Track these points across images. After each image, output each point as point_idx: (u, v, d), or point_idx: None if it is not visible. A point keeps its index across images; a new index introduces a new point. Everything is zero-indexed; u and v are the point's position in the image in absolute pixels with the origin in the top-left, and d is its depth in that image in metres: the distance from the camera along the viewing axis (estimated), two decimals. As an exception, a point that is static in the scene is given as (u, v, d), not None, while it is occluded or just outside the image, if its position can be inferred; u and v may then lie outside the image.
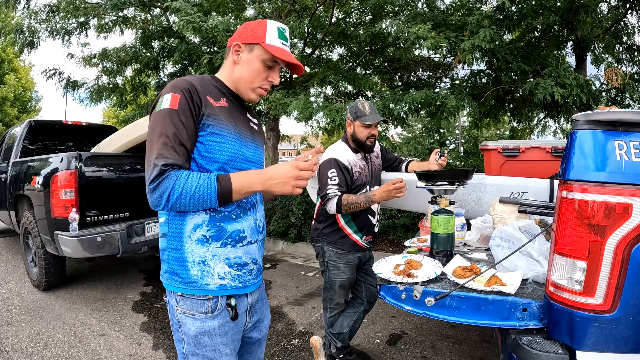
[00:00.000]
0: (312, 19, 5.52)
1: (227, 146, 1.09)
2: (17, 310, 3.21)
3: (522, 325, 1.12)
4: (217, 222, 1.08)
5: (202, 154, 1.07)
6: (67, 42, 6.71)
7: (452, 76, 6.64)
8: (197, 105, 1.05)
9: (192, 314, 1.07)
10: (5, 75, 17.31)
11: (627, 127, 1.00)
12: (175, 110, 1.02)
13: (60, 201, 3.18)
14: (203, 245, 1.07)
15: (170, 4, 4.65)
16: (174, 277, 1.09)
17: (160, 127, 1.01)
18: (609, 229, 0.96)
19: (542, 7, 4.95)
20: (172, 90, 1.05)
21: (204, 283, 1.07)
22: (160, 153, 0.98)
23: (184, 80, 1.08)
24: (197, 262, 1.07)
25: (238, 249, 1.12)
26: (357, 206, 2.00)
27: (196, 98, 1.06)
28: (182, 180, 0.97)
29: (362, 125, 2.10)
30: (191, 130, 1.04)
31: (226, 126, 1.10)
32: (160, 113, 1.03)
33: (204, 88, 1.10)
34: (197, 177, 0.99)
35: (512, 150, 2.44)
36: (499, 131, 12.94)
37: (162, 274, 1.13)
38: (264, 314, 1.30)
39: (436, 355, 2.49)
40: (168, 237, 1.09)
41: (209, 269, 1.08)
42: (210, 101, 1.09)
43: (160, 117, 1.02)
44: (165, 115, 1.02)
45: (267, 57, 1.13)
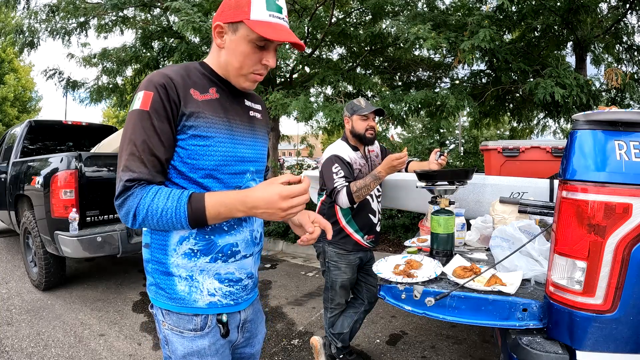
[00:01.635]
0: (312, 19, 5.52)
1: (216, 149, 0.94)
2: (17, 310, 3.21)
3: (522, 325, 1.12)
4: (207, 234, 0.95)
5: (184, 161, 0.92)
6: (67, 42, 6.71)
7: (452, 76, 6.64)
8: (174, 104, 0.89)
9: (179, 331, 0.96)
10: (5, 75, 17.32)
11: (627, 127, 1.00)
12: (146, 112, 0.86)
13: (60, 201, 3.18)
14: (190, 259, 0.95)
15: (170, 4, 4.65)
16: (159, 292, 0.97)
17: (128, 133, 0.87)
18: (609, 229, 0.96)
19: (542, 7, 4.95)
20: (145, 86, 0.89)
21: (192, 300, 0.95)
22: (127, 165, 0.85)
23: (161, 73, 0.91)
24: (184, 276, 0.95)
25: (230, 265, 0.99)
26: (367, 188, 1.96)
27: (173, 95, 0.89)
28: (148, 199, 0.83)
29: (360, 118, 2.13)
30: (166, 135, 0.88)
31: (214, 124, 0.94)
32: (130, 115, 0.89)
33: (187, 79, 0.93)
34: (165, 196, 0.83)
35: (512, 150, 2.44)
36: (499, 131, 12.94)
37: (148, 286, 1.02)
38: (258, 329, 1.16)
39: (436, 355, 2.49)
40: (151, 248, 0.98)
41: (197, 284, 0.95)
42: (194, 96, 0.93)
43: (130, 121, 0.88)
44: (135, 118, 0.87)
45: (254, 36, 0.90)
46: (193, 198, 0.84)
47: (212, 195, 0.84)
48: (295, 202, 0.81)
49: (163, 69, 0.93)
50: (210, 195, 0.84)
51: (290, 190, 0.81)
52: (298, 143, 13.52)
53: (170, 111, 0.89)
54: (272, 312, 3.23)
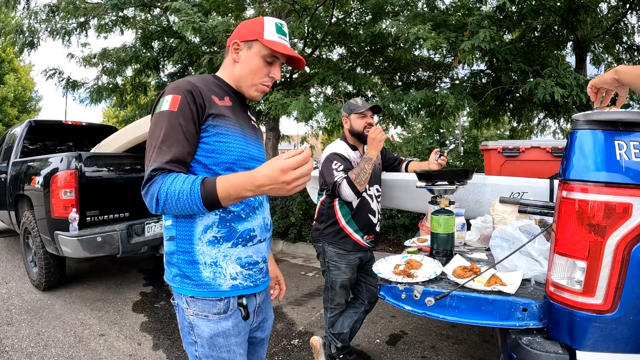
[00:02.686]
0: (312, 19, 5.52)
1: (234, 145, 1.07)
2: (17, 310, 3.21)
3: (522, 325, 1.12)
4: (228, 222, 1.07)
5: (208, 155, 1.05)
6: (67, 42, 6.72)
7: (452, 76, 6.64)
8: (200, 107, 1.03)
9: (205, 315, 1.05)
10: (5, 75, 17.32)
11: (627, 127, 1.00)
12: (175, 112, 0.99)
13: (60, 201, 3.18)
14: (214, 246, 1.06)
15: (170, 4, 4.65)
16: (185, 281, 1.06)
17: (157, 130, 0.99)
18: (609, 229, 0.96)
19: (542, 7, 4.95)
20: (173, 91, 1.02)
21: (217, 284, 1.06)
22: (153, 157, 0.96)
23: (186, 81, 1.05)
24: (209, 263, 1.05)
25: (249, 248, 1.11)
26: (364, 172, 1.98)
27: (199, 99, 1.03)
28: (167, 184, 0.93)
29: (358, 117, 2.15)
30: (190, 134, 1.00)
31: (232, 125, 1.08)
32: (158, 115, 1.01)
33: (208, 87, 1.08)
34: (182, 180, 0.93)
35: (512, 150, 2.44)
36: (499, 131, 12.94)
37: (172, 278, 1.10)
38: (268, 314, 1.29)
39: (436, 355, 2.49)
40: (177, 240, 1.07)
41: (221, 269, 1.06)
42: (215, 100, 1.07)
43: (159, 120, 1.00)
44: (163, 117, 0.99)
45: (267, 52, 1.11)
46: (206, 181, 0.93)
47: (222, 178, 0.93)
48: (297, 174, 0.85)
49: (185, 78, 1.08)
50: (221, 178, 0.93)
51: (290, 163, 0.84)
52: (298, 143, 13.52)
53: (196, 113, 1.02)
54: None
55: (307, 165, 0.86)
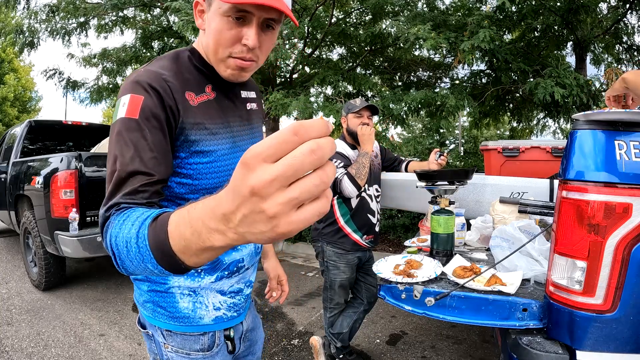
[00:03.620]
0: (312, 19, 5.52)
1: (219, 164, 0.81)
2: (17, 310, 3.21)
3: (522, 325, 1.12)
4: None
5: (182, 182, 0.79)
6: (67, 42, 6.71)
7: (452, 76, 6.64)
8: (171, 112, 0.73)
9: (186, 352, 0.87)
10: (5, 75, 17.32)
11: (627, 127, 1.00)
12: (135, 120, 0.69)
13: (60, 201, 3.18)
14: (193, 280, 0.86)
15: (170, 4, 4.65)
16: (159, 310, 0.86)
17: (112, 149, 0.69)
18: (609, 229, 0.96)
19: (542, 7, 4.95)
20: (131, 89, 0.71)
21: (197, 317, 0.86)
22: (110, 191, 0.65)
23: (151, 72, 0.74)
24: (187, 293, 0.86)
25: (233, 279, 0.92)
26: (363, 166, 2.01)
27: (170, 101, 0.73)
28: (117, 228, 0.56)
29: (354, 116, 2.17)
30: (162, 150, 0.71)
31: (215, 135, 0.81)
32: (115, 126, 0.70)
33: (181, 78, 0.77)
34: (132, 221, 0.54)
35: (512, 150, 2.44)
36: (499, 131, 12.94)
37: (142, 302, 0.88)
38: (258, 335, 1.11)
39: (436, 355, 2.49)
40: None
41: (202, 299, 0.87)
42: (190, 99, 0.77)
43: (114, 132, 0.70)
44: (120, 129, 0.69)
45: (227, 7, 0.72)
46: (159, 220, 0.48)
47: (178, 213, 0.45)
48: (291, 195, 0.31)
49: (152, 65, 0.77)
50: (177, 213, 0.45)
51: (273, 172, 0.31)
52: (298, 143, 13.53)
53: (166, 121, 0.72)
54: (272, 312, 3.23)
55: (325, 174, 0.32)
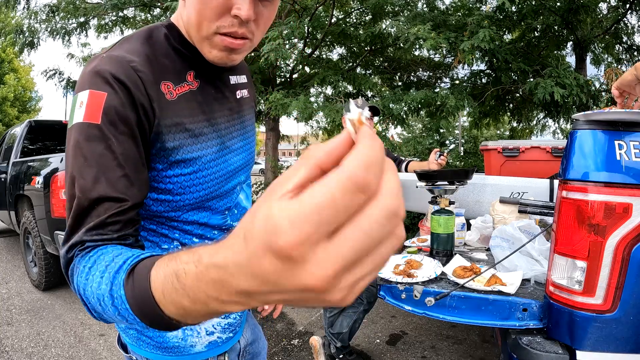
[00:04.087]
0: (312, 19, 5.52)
1: (205, 173, 0.65)
2: (17, 310, 3.21)
3: (522, 325, 1.12)
4: None
5: (160, 199, 0.63)
6: (67, 42, 6.71)
7: (452, 76, 6.64)
8: (143, 111, 0.56)
9: None
10: (5, 75, 17.32)
11: (627, 127, 1.00)
12: (96, 127, 0.52)
13: (60, 201, 3.18)
14: None
15: (170, 4, 4.65)
16: (143, 339, 0.72)
17: (70, 166, 0.53)
18: (609, 229, 0.96)
19: (542, 7, 4.95)
20: (91, 82, 0.54)
21: (188, 345, 0.73)
22: (70, 224, 0.51)
23: (115, 58, 0.56)
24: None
25: None
26: None
27: (141, 97, 0.56)
28: (82, 279, 0.45)
29: None
30: (132, 161, 0.54)
31: (199, 137, 0.64)
32: (70, 135, 0.54)
33: (156, 64, 0.60)
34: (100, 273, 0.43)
35: (512, 150, 2.44)
36: (499, 131, 12.94)
37: (123, 329, 0.74)
38: (260, 346, 0.97)
39: (436, 355, 2.49)
40: None
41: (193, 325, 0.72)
42: (167, 92, 0.60)
43: (71, 145, 0.53)
44: (77, 139, 0.52)
45: None
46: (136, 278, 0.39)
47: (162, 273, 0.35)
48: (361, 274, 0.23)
49: (117, 49, 0.59)
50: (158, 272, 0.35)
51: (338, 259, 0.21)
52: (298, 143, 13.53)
53: (137, 123, 0.55)
54: (271, 312, 3.23)
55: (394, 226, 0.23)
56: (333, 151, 0.24)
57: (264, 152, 7.30)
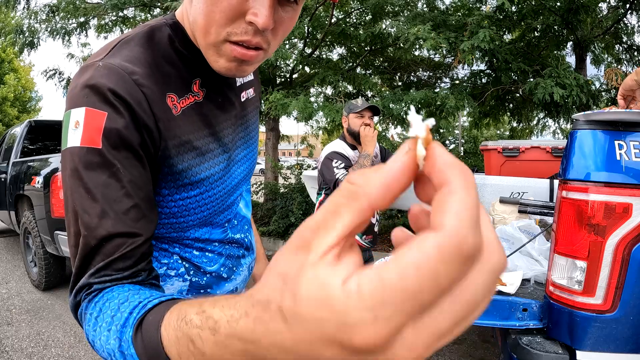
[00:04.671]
0: (312, 19, 5.52)
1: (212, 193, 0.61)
2: (17, 310, 3.21)
3: (522, 325, 1.12)
4: (202, 288, 0.66)
5: (162, 222, 0.58)
6: (67, 42, 6.71)
7: (452, 76, 6.64)
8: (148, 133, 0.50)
9: None
10: (5, 75, 17.32)
11: (627, 127, 1.00)
12: (97, 152, 0.46)
13: (60, 201, 3.18)
14: None
15: (170, 4, 4.65)
16: None
17: (70, 198, 0.47)
18: (609, 229, 0.96)
19: (542, 7, 4.95)
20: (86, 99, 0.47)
21: None
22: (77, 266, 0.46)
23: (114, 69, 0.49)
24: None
25: None
26: (365, 168, 1.98)
27: (146, 117, 0.49)
28: (91, 327, 0.43)
29: (355, 116, 2.17)
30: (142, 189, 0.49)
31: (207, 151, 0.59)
32: (66, 161, 0.48)
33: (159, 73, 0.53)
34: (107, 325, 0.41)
35: (512, 150, 2.44)
36: (499, 131, 12.95)
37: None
38: None
39: (436, 355, 2.49)
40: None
41: None
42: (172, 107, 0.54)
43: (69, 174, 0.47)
44: (76, 167, 0.46)
45: None
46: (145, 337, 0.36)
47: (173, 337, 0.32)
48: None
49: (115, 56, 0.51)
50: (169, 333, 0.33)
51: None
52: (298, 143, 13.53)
53: (142, 146, 0.49)
54: (272, 312, 3.23)
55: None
56: (393, 185, 0.18)
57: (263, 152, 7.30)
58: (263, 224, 5.95)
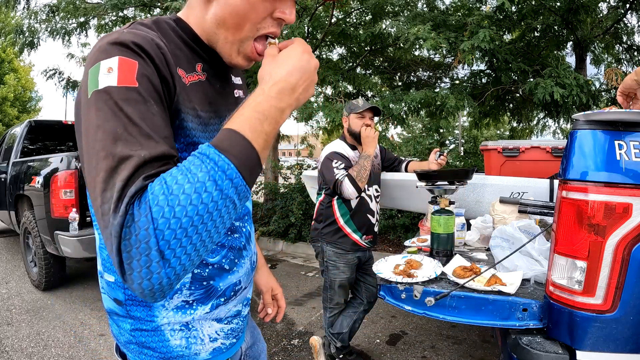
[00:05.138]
0: (312, 19, 5.52)
1: None
2: (17, 310, 3.21)
3: (522, 325, 1.12)
4: (205, 280, 0.70)
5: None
6: (67, 42, 6.71)
7: (452, 76, 6.65)
8: (166, 85, 0.58)
9: None
10: (5, 75, 17.32)
11: (627, 127, 1.00)
12: (135, 89, 0.52)
13: (60, 201, 3.18)
14: (185, 313, 0.70)
15: (170, 4, 4.65)
16: (145, 351, 0.70)
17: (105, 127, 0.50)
18: (609, 229, 0.96)
19: (542, 7, 4.95)
20: (118, 50, 0.54)
21: (192, 354, 0.72)
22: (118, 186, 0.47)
23: (137, 34, 0.57)
24: (178, 328, 0.70)
25: (230, 304, 0.77)
26: (364, 169, 2.00)
27: (165, 71, 0.57)
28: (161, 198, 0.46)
29: (356, 117, 2.16)
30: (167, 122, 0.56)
31: (208, 124, 0.67)
32: (99, 99, 0.51)
33: (170, 51, 0.61)
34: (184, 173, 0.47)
35: (512, 150, 2.43)
36: (499, 131, 12.95)
37: (123, 343, 0.72)
38: (259, 349, 0.98)
39: (436, 355, 2.49)
40: (127, 306, 0.69)
41: (196, 333, 0.72)
42: (182, 76, 0.62)
43: (102, 108, 0.51)
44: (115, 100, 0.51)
45: None
46: (220, 143, 0.50)
47: (237, 121, 0.52)
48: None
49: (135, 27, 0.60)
50: (235, 123, 0.52)
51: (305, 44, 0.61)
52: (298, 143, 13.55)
53: (164, 94, 0.57)
54: (275, 317, 3.23)
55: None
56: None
57: (264, 152, 7.28)
58: (263, 224, 5.95)
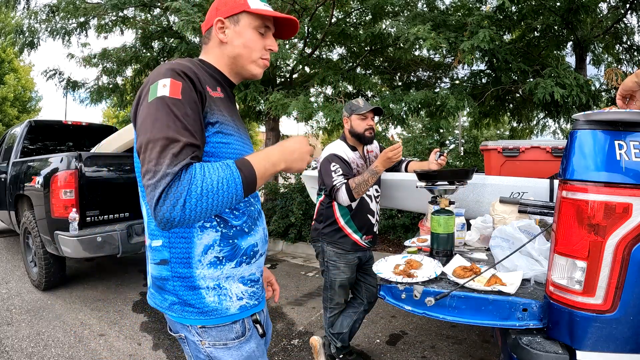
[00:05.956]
0: (312, 19, 5.52)
1: (234, 147, 0.95)
2: (17, 310, 3.21)
3: (522, 325, 1.12)
4: (230, 239, 0.94)
5: (208, 158, 0.90)
6: (67, 42, 6.70)
7: (452, 76, 6.64)
8: (200, 96, 0.87)
9: (224, 343, 0.93)
10: (5, 75, 17.30)
11: (627, 127, 1.00)
12: (180, 100, 0.82)
13: (60, 201, 3.18)
14: (216, 268, 0.92)
15: (170, 4, 4.64)
16: (187, 309, 0.92)
17: (162, 119, 0.79)
18: (609, 229, 0.96)
19: (542, 7, 4.95)
20: (170, 74, 0.84)
21: (224, 308, 0.93)
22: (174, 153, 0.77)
23: (180, 64, 0.88)
24: (212, 287, 0.92)
25: (252, 266, 1.00)
26: (366, 183, 1.97)
27: (199, 87, 0.87)
28: (199, 177, 0.76)
29: (358, 118, 2.15)
30: (200, 124, 0.86)
31: (229, 122, 0.95)
32: (158, 102, 0.81)
33: (202, 75, 0.92)
34: (215, 168, 0.80)
35: (512, 150, 2.43)
36: (499, 131, 12.94)
37: (168, 306, 0.94)
38: (268, 324, 1.18)
39: (436, 355, 2.49)
40: (172, 264, 0.92)
41: (226, 291, 0.94)
42: (209, 92, 0.92)
43: (160, 108, 0.80)
44: (167, 104, 0.80)
45: (258, 22, 0.99)
46: (238, 162, 0.84)
47: (252, 156, 0.88)
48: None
49: (178, 61, 0.90)
50: (250, 157, 0.88)
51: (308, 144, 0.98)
52: (298, 143, 13.50)
53: (199, 101, 0.87)
54: (272, 312, 3.23)
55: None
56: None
57: (264, 152, 7.29)
58: (263, 224, 5.94)
